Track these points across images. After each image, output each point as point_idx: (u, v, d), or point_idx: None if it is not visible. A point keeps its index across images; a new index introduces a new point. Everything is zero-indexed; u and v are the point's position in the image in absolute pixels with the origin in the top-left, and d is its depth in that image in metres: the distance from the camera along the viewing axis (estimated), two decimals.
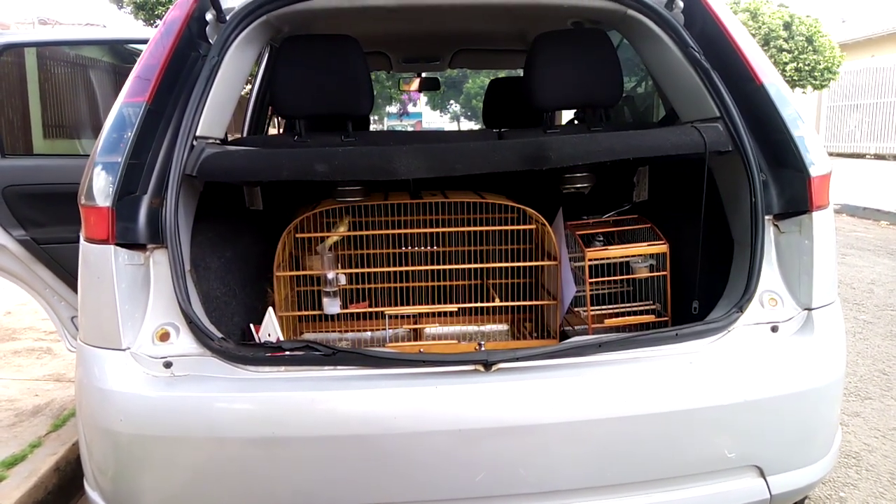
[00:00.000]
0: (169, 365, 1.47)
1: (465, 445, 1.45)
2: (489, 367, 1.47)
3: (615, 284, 2.13)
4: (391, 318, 2.11)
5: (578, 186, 2.07)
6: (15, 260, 2.47)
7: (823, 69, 15.54)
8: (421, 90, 4.99)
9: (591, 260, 1.98)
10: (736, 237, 1.77)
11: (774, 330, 1.60)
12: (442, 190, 2.20)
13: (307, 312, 2.08)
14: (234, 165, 1.68)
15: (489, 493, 1.48)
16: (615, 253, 2.01)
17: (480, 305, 2.12)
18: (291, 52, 2.04)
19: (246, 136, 3.19)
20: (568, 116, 3.23)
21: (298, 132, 2.08)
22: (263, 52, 2.99)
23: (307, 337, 2.12)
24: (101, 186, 1.51)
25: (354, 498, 1.48)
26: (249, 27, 1.81)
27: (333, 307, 2.04)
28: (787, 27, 15.52)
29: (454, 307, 2.09)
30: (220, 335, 1.52)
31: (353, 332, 2.18)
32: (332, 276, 2.01)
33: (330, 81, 2.01)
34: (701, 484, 1.55)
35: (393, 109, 28.66)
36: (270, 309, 1.81)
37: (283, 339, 1.71)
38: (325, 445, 1.44)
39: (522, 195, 2.16)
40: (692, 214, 1.82)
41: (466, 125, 32.39)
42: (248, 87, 2.76)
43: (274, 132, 3.77)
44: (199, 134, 1.66)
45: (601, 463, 1.50)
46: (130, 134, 1.56)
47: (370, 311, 2.12)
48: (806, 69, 15.46)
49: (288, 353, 1.50)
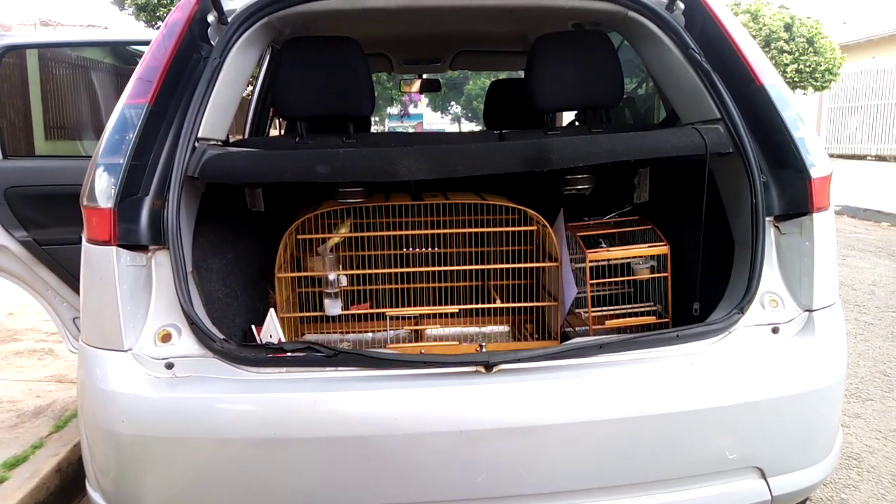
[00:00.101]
0: (171, 366, 1.48)
1: (466, 446, 1.45)
2: (490, 368, 1.47)
3: (616, 286, 2.13)
4: (392, 319, 2.11)
5: (579, 188, 2.08)
6: (17, 261, 2.48)
7: (824, 71, 15.54)
8: (422, 91, 4.99)
9: (591, 261, 1.98)
10: (737, 238, 1.77)
11: (775, 331, 1.60)
12: (443, 191, 2.20)
13: (308, 314, 2.09)
14: (235, 167, 1.69)
15: (490, 493, 1.48)
16: (616, 254, 2.01)
17: (481, 307, 2.12)
18: (293, 53, 2.04)
19: (247, 137, 3.19)
20: (569, 118, 3.23)
21: (300, 134, 2.08)
22: (265, 53, 2.99)
23: (308, 338, 2.12)
24: (103, 188, 1.51)
25: (356, 499, 1.49)
26: (251, 29, 1.82)
27: (335, 308, 2.04)
28: (787, 28, 15.52)
29: (455, 308, 2.09)
30: (221, 336, 1.52)
31: (354, 333, 2.18)
32: (333, 277, 2.01)
33: (331, 83, 2.01)
34: (702, 485, 1.55)
35: (394, 111, 28.66)
36: (272, 310, 1.81)
37: (284, 340, 1.71)
38: (326, 446, 1.44)
39: (523, 196, 2.16)
40: (693, 216, 1.82)
41: (467, 126, 32.37)
42: (249, 88, 2.76)
43: (275, 134, 3.78)
44: (200, 135, 1.66)
45: (602, 464, 1.51)
46: (132, 135, 1.56)
47: (371, 312, 2.12)
48: (807, 70, 15.46)
49: (289, 354, 1.50)
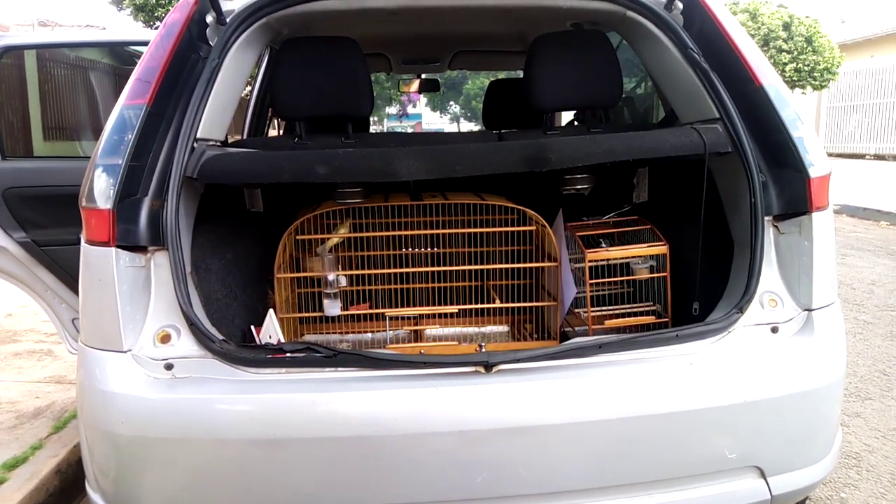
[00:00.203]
0: (170, 367, 1.47)
1: (466, 446, 1.45)
2: (490, 368, 1.47)
3: (615, 286, 2.13)
4: (392, 319, 2.11)
5: (578, 188, 2.07)
6: (16, 262, 2.47)
7: (823, 70, 15.54)
8: (421, 91, 4.99)
9: (591, 261, 1.98)
10: (736, 238, 1.77)
11: (774, 331, 1.60)
12: (442, 191, 2.20)
13: (308, 314, 2.09)
14: (234, 167, 1.69)
15: (490, 494, 1.48)
16: (615, 254, 2.01)
17: (481, 307, 2.12)
18: (291, 54, 2.04)
19: (246, 137, 3.19)
20: (568, 118, 3.23)
21: (298, 134, 2.08)
22: (263, 54, 2.99)
23: (308, 338, 2.12)
24: (101, 189, 1.51)
25: (355, 499, 1.49)
26: (249, 29, 1.82)
27: (334, 309, 2.04)
28: (786, 28, 15.53)
29: (454, 308, 2.09)
30: (220, 337, 1.52)
31: (353, 333, 2.18)
32: (332, 277, 2.01)
33: (330, 83, 2.01)
34: (702, 485, 1.55)
35: (393, 111, 28.63)
36: (271, 311, 1.81)
37: (283, 340, 1.71)
38: (326, 447, 1.44)
39: (523, 196, 2.16)
40: (692, 215, 1.82)
41: (466, 126, 32.38)
42: (248, 88, 2.76)
43: (274, 134, 3.78)
44: (199, 136, 1.66)
45: (602, 464, 1.51)
46: (131, 136, 1.56)
47: (371, 312, 2.11)
48: (805, 70, 15.46)
49: (289, 354, 1.50)
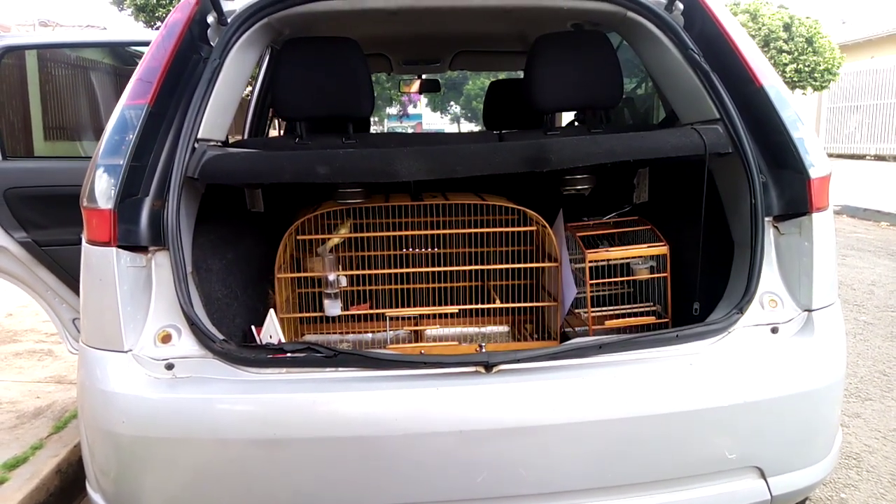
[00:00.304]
0: (171, 367, 1.48)
1: (466, 447, 1.45)
2: (490, 368, 1.47)
3: (616, 286, 2.13)
4: (392, 319, 2.11)
5: (579, 188, 2.07)
6: (16, 262, 2.48)
7: (823, 70, 15.54)
8: (421, 92, 5.00)
9: (591, 261, 1.98)
10: (736, 239, 1.77)
11: (774, 331, 1.60)
12: (442, 192, 2.20)
13: (308, 314, 2.09)
14: (235, 168, 1.69)
15: (490, 494, 1.48)
16: (615, 254, 2.01)
17: (481, 307, 2.12)
18: (292, 54, 2.05)
19: (247, 138, 3.20)
20: (568, 118, 3.23)
21: (299, 134, 2.08)
22: (264, 54, 2.99)
23: (308, 339, 2.12)
24: (102, 189, 1.51)
25: (356, 499, 1.49)
26: (251, 30, 1.82)
27: (334, 309, 2.04)
28: (786, 28, 15.53)
29: (455, 309, 2.09)
30: (221, 337, 1.52)
31: (354, 333, 2.18)
32: (333, 277, 2.01)
33: (331, 83, 2.02)
34: (702, 485, 1.55)
35: (393, 111, 28.65)
36: (272, 311, 1.81)
37: (284, 340, 1.71)
38: (326, 447, 1.44)
39: (523, 197, 2.16)
40: (692, 216, 1.82)
41: (467, 127, 32.38)
42: (248, 89, 2.77)
43: (274, 134, 3.78)
44: (200, 136, 1.66)
45: (602, 464, 1.51)
46: (132, 136, 1.56)
47: (371, 312, 2.12)
48: (806, 70, 15.46)
49: (289, 354, 1.50)
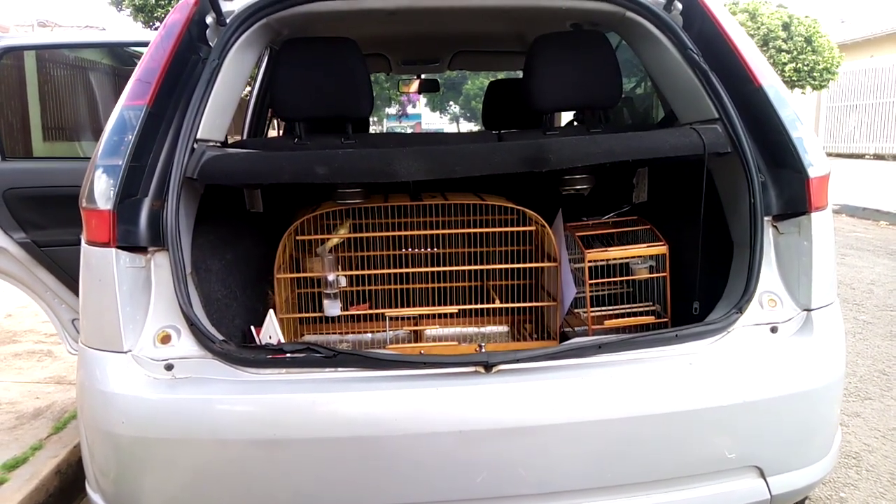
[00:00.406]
0: (170, 367, 1.48)
1: (465, 447, 1.45)
2: (490, 368, 1.47)
3: (615, 286, 2.13)
4: (391, 319, 2.11)
5: (578, 188, 2.08)
6: (15, 262, 2.48)
7: (822, 70, 15.53)
8: (420, 92, 5.00)
9: (590, 261, 1.98)
10: (735, 238, 1.78)
11: (774, 331, 1.60)
12: (442, 192, 2.20)
13: (308, 314, 2.09)
14: (234, 168, 1.69)
15: (490, 494, 1.48)
16: (615, 254, 2.01)
17: (480, 307, 2.12)
18: (291, 54, 2.05)
19: (246, 138, 3.20)
20: (567, 118, 3.23)
21: (298, 135, 2.08)
22: (263, 54, 2.99)
23: (308, 339, 2.12)
24: (102, 189, 1.51)
25: (356, 499, 1.49)
26: (249, 30, 1.82)
27: (334, 309, 2.04)
28: (785, 28, 15.52)
29: (454, 309, 2.09)
30: (221, 337, 1.52)
31: (353, 333, 2.18)
32: (332, 278, 2.01)
33: (329, 84, 2.02)
34: (701, 485, 1.55)
35: (392, 111, 28.62)
36: (271, 311, 1.81)
37: (283, 341, 1.71)
38: (325, 447, 1.44)
39: (522, 197, 2.16)
40: (692, 216, 1.82)
41: (466, 127, 32.38)
42: (247, 89, 2.77)
43: (273, 134, 3.78)
44: (199, 137, 1.66)
45: (601, 464, 1.51)
46: (131, 137, 1.56)
47: (370, 312, 2.12)
48: (805, 70, 15.46)
49: (289, 355, 1.50)
